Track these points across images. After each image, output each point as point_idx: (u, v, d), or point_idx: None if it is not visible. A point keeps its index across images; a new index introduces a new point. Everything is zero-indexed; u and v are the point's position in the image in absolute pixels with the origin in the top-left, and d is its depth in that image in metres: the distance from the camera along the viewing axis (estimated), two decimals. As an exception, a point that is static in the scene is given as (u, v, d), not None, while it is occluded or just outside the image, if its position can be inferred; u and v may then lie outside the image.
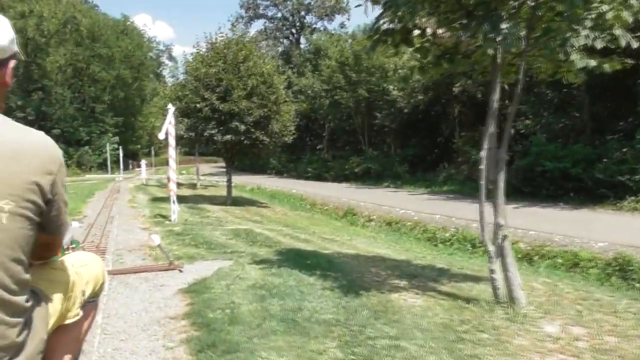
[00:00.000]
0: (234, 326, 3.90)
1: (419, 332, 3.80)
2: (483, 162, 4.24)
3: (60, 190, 1.33)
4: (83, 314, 1.70)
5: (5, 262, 1.20)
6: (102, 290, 1.90)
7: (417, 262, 7.38)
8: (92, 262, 1.83)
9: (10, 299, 1.21)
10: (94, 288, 1.79)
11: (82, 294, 1.67)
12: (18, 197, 1.20)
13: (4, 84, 1.36)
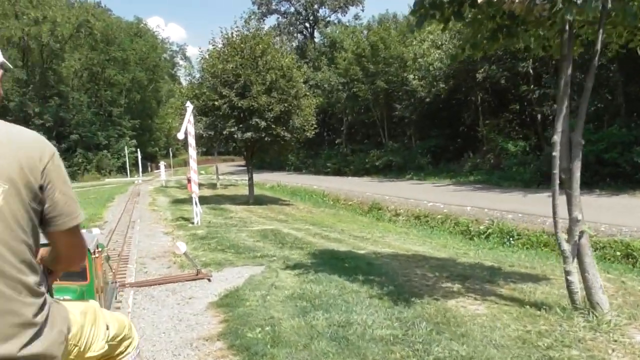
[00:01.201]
0: (277, 348, 3.39)
1: (495, 350, 3.24)
2: (556, 148, 3.65)
3: (55, 179, 1.36)
4: None
5: (8, 240, 1.25)
6: (133, 345, 1.81)
7: (462, 261, 6.80)
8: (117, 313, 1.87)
9: (18, 276, 1.27)
10: (121, 331, 1.76)
11: (106, 327, 1.68)
12: (11, 180, 1.26)
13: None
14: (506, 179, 20.47)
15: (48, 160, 1.36)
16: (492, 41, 4.12)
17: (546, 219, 11.45)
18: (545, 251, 9.54)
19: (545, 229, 10.92)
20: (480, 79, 23.77)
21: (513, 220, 12.21)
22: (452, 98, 28.27)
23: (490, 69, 22.83)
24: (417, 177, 27.13)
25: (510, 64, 22.54)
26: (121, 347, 1.78)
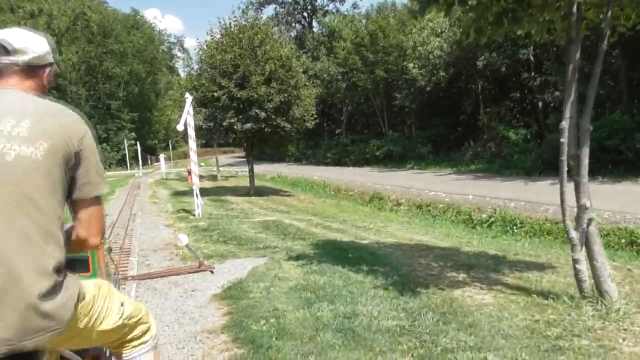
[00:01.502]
0: (283, 341, 3.34)
1: (503, 340, 3.20)
2: (564, 134, 3.58)
3: (89, 150, 1.55)
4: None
5: (44, 191, 1.41)
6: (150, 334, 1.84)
7: (466, 250, 6.76)
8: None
9: (49, 227, 1.40)
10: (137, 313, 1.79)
11: (121, 304, 1.71)
12: (53, 141, 1.45)
13: (43, 87, 1.70)
14: (507, 167, 20.40)
15: (84, 133, 1.57)
16: (497, 26, 4.03)
17: (549, 207, 11.42)
18: (549, 239, 9.51)
19: (548, 216, 10.89)
20: (480, 67, 23.61)
21: (515, 209, 12.17)
22: (453, 86, 28.11)
23: (490, 57, 22.67)
24: (418, 166, 27.07)
25: (511, 51, 22.38)
26: (137, 330, 1.79)
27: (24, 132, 1.46)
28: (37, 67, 1.69)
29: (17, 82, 1.63)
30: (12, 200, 1.39)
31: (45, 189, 1.43)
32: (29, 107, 1.53)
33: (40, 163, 1.43)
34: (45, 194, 1.43)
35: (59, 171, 1.47)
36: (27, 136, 1.45)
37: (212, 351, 3.35)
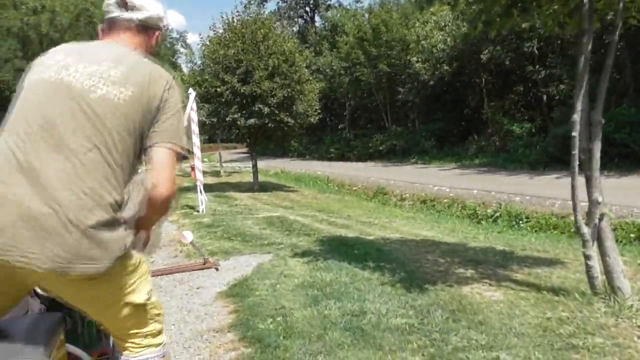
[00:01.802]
0: (290, 339, 3.29)
1: (515, 338, 3.14)
2: (576, 127, 3.51)
3: (171, 107, 1.65)
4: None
5: (121, 131, 1.51)
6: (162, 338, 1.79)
7: (472, 245, 6.70)
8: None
9: (117, 164, 1.50)
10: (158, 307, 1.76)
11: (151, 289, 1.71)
12: (139, 88, 1.57)
13: (149, 48, 1.81)
14: (512, 162, 20.31)
15: (169, 84, 1.68)
16: (506, 17, 3.96)
17: (555, 201, 11.35)
18: (555, 234, 9.44)
19: (554, 211, 10.82)
20: (484, 60, 23.47)
21: (521, 203, 12.10)
22: (456, 80, 27.98)
23: (494, 50, 22.53)
24: (422, 161, 26.97)
25: (515, 45, 22.23)
26: (151, 326, 1.73)
27: (115, 76, 1.58)
28: (148, 28, 1.81)
29: (128, 38, 1.77)
30: (89, 133, 1.49)
31: (121, 130, 1.53)
32: (127, 58, 1.66)
33: (122, 107, 1.55)
34: (120, 134, 1.53)
35: (138, 117, 1.58)
36: (116, 80, 1.58)
37: (219, 350, 3.30)
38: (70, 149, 1.46)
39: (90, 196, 1.43)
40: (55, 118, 1.50)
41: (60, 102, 1.53)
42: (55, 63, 1.63)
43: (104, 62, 1.61)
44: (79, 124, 1.50)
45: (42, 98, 1.55)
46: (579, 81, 3.53)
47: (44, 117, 1.51)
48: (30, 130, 1.49)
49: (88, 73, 1.58)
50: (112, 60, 1.62)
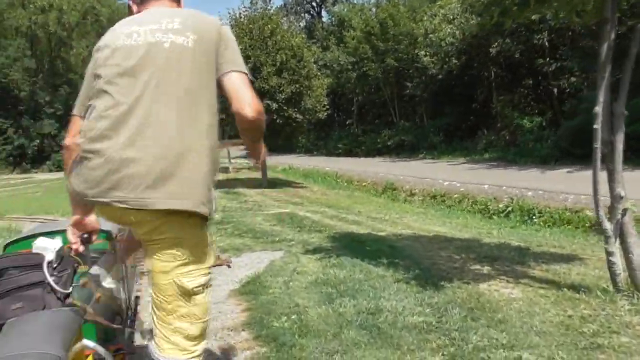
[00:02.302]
0: (306, 338, 3.23)
1: (537, 337, 3.05)
2: (598, 119, 3.41)
3: (228, 40, 1.84)
4: None
5: (194, 71, 1.73)
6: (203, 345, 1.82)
7: (487, 241, 6.60)
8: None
9: (196, 105, 1.72)
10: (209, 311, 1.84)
11: (210, 285, 1.82)
12: (200, 34, 1.78)
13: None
14: (522, 156, 20.09)
15: (222, 27, 1.88)
16: (523, 6, 3.85)
17: (568, 196, 11.20)
18: (569, 229, 9.30)
19: (568, 205, 10.68)
20: (493, 54, 23.21)
21: (533, 198, 11.94)
22: (465, 74, 27.73)
23: (504, 43, 22.27)
24: (431, 156, 26.79)
25: (525, 37, 21.96)
26: (197, 328, 1.75)
27: (176, 26, 1.79)
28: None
29: (168, 3, 1.99)
30: (172, 80, 1.70)
31: (195, 69, 1.74)
32: (179, 12, 1.91)
33: (191, 50, 1.75)
34: (195, 74, 1.73)
35: (206, 57, 1.77)
36: (179, 28, 1.78)
37: (234, 349, 3.24)
38: (178, 106, 1.74)
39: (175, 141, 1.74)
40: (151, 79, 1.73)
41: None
42: (125, 36, 1.81)
43: (162, 18, 1.83)
44: (164, 74, 1.75)
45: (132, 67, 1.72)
46: (601, 72, 3.42)
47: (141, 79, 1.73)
48: (140, 97, 1.70)
49: (154, 31, 1.78)
50: (169, 16, 1.84)
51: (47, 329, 1.61)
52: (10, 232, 10.35)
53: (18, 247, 2.61)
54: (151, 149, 1.61)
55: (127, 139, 1.62)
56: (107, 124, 1.65)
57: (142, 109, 1.66)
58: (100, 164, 1.62)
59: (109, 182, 1.62)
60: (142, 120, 1.64)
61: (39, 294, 2.17)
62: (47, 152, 44.09)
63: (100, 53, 1.83)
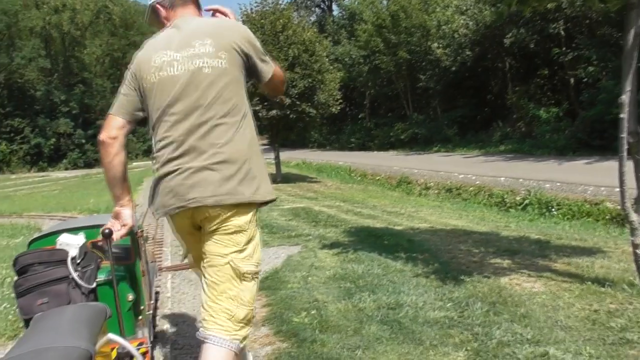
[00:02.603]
0: (327, 334, 3.21)
1: (563, 332, 3.00)
2: (624, 109, 3.32)
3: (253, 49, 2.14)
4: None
5: (231, 88, 2.06)
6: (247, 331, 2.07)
7: (505, 234, 6.52)
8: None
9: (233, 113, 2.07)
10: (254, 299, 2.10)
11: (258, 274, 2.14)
12: (230, 51, 2.06)
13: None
14: (539, 147, 19.84)
15: (246, 36, 2.14)
16: (545, -6, 3.76)
17: (587, 188, 11.04)
18: (590, 221, 9.17)
19: (587, 197, 10.53)
20: (507, 44, 22.88)
21: (551, 190, 11.80)
22: (479, 66, 27.43)
23: (518, 33, 21.95)
24: (445, 148, 26.59)
25: (540, 26, 21.62)
26: (240, 310, 1.98)
27: (209, 49, 2.05)
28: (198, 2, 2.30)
29: (193, 11, 2.25)
30: (209, 99, 2.01)
31: (231, 82, 2.06)
32: (207, 29, 2.12)
33: (226, 69, 2.05)
34: (232, 86, 2.06)
35: (237, 69, 2.09)
36: (212, 51, 2.05)
37: (254, 345, 3.23)
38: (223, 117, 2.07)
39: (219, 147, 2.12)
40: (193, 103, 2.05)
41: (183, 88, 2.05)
42: (159, 64, 2.07)
43: (196, 40, 2.07)
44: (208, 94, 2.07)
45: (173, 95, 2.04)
46: (627, 59, 3.33)
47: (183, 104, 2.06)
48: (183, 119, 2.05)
49: (190, 57, 2.04)
50: (200, 37, 2.08)
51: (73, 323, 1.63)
52: (30, 230, 10.51)
53: (42, 244, 2.62)
54: (215, 157, 1.97)
55: (193, 155, 1.98)
56: (173, 147, 2.02)
57: (198, 128, 2.00)
58: (179, 180, 1.99)
59: (189, 191, 1.98)
60: (201, 137, 1.99)
61: (64, 289, 2.19)
62: (63, 151, 44.62)
63: (145, 79, 2.09)
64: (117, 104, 2.16)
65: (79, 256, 2.41)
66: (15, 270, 2.34)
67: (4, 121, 42.79)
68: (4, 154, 42.76)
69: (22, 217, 13.15)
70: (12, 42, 43.69)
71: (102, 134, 2.12)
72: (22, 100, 43.63)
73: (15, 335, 3.80)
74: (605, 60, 18.40)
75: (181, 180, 1.98)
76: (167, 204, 2.04)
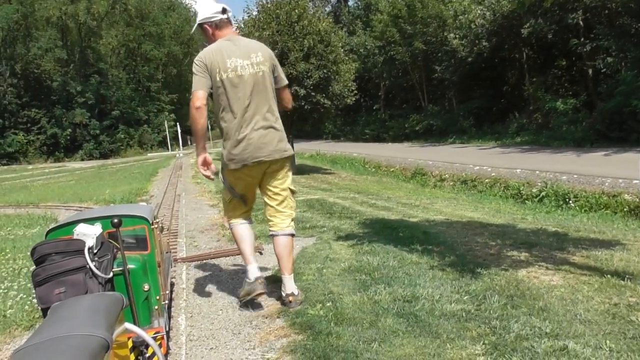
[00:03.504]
0: (342, 326, 3.19)
1: (582, 326, 2.95)
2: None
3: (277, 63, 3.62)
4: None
5: (270, 87, 3.48)
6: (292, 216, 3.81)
7: (522, 227, 6.44)
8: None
9: (273, 103, 3.54)
10: (294, 204, 3.89)
11: (294, 205, 3.82)
12: (267, 63, 3.45)
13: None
14: (556, 139, 19.58)
15: (274, 56, 3.59)
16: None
17: (605, 179, 10.88)
18: (608, 214, 9.03)
19: (605, 189, 10.36)
20: (525, 35, 22.54)
21: (568, 182, 11.63)
22: (495, 56, 27.11)
23: (536, 23, 21.60)
24: (460, 140, 26.39)
25: (558, 17, 21.25)
26: (289, 210, 3.75)
27: (260, 59, 3.41)
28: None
29: (232, 30, 3.54)
30: (264, 94, 3.44)
31: (270, 86, 3.48)
32: (255, 45, 3.55)
33: (268, 73, 3.46)
34: (270, 90, 3.48)
35: (270, 75, 3.49)
36: (262, 61, 3.42)
37: (270, 337, 3.23)
38: (268, 106, 3.50)
39: (273, 121, 3.54)
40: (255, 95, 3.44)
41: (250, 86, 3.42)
42: (234, 66, 3.37)
43: (251, 55, 3.42)
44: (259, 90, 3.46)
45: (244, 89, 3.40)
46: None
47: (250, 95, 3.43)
48: (250, 105, 3.42)
49: (251, 64, 3.40)
50: (254, 50, 3.46)
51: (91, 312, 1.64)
52: (46, 220, 10.64)
53: (59, 234, 2.64)
54: (268, 131, 3.46)
55: (254, 128, 3.41)
56: (242, 125, 3.41)
57: (256, 112, 3.43)
58: (247, 144, 3.41)
59: (259, 149, 3.43)
60: (257, 117, 3.43)
61: (81, 279, 2.20)
62: (80, 141, 45.12)
63: (219, 73, 3.37)
64: (199, 84, 3.36)
65: (96, 246, 2.42)
66: (33, 259, 2.36)
67: (20, 111, 43.37)
68: (21, 144, 43.38)
69: (38, 207, 13.32)
70: (28, 32, 44.14)
71: (197, 102, 3.33)
72: (39, 91, 44.13)
73: (31, 325, 3.85)
74: (625, 51, 18.05)
75: (251, 144, 3.41)
76: (245, 158, 3.45)
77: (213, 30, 3.50)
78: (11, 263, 6.04)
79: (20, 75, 43.61)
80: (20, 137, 43.29)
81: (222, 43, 3.41)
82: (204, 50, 3.46)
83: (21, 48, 43.46)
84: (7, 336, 3.73)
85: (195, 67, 3.41)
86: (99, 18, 45.99)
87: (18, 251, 6.72)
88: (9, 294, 4.59)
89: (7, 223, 10.60)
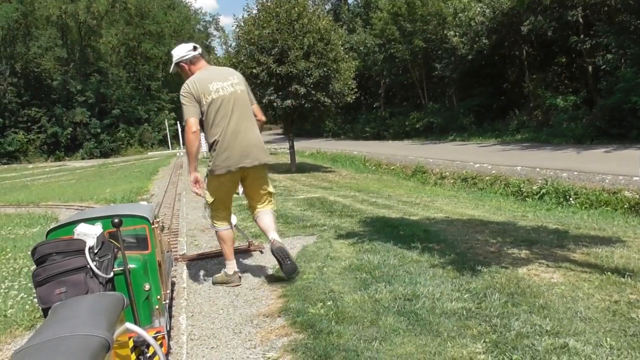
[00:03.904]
0: (343, 325, 3.20)
1: (582, 323, 2.95)
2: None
3: (247, 86, 4.26)
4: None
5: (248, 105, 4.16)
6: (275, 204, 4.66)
7: (523, 224, 6.44)
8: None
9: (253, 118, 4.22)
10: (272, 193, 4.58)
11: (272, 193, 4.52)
12: (243, 84, 4.16)
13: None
14: (556, 136, 19.57)
15: (244, 80, 4.24)
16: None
17: (605, 176, 10.87)
18: (608, 210, 9.03)
19: (605, 186, 10.36)
20: (525, 32, 22.50)
21: (568, 179, 11.62)
22: (495, 54, 27.07)
23: (536, 21, 21.56)
24: (460, 138, 26.38)
25: (558, 14, 21.22)
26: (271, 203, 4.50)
27: (236, 80, 4.08)
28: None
29: (205, 62, 4.19)
30: (244, 109, 4.07)
31: (249, 102, 4.15)
32: (229, 71, 4.31)
33: (246, 92, 4.12)
34: (249, 106, 4.13)
35: (247, 95, 4.14)
36: (239, 82, 4.08)
37: (271, 336, 3.24)
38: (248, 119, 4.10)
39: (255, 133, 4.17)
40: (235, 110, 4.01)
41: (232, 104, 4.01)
42: (216, 89, 3.94)
43: (229, 78, 4.06)
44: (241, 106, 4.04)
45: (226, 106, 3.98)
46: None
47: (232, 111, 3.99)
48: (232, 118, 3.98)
49: (230, 85, 4.01)
50: (229, 75, 4.10)
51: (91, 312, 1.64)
52: (47, 219, 10.65)
53: (60, 234, 2.64)
54: (249, 141, 4.04)
55: (239, 139, 3.99)
56: (227, 136, 3.96)
57: (239, 127, 4.01)
58: (233, 151, 3.97)
59: (242, 157, 3.99)
60: (242, 131, 4.01)
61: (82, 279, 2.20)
62: (80, 140, 45.14)
63: (205, 97, 3.93)
64: (189, 112, 3.93)
65: (97, 246, 2.42)
66: (33, 259, 2.36)
67: (21, 111, 43.37)
68: (21, 143, 43.39)
69: (39, 206, 13.34)
70: (28, 31, 44.13)
71: (193, 127, 3.90)
72: (39, 90, 44.13)
73: (32, 325, 3.86)
74: (624, 48, 18.01)
75: (237, 153, 3.98)
76: (230, 165, 3.99)
77: (189, 66, 4.10)
78: (12, 262, 6.05)
79: (20, 74, 43.60)
80: (20, 136, 43.30)
81: (201, 73, 4.04)
82: (187, 82, 3.98)
83: (21, 47, 43.45)
84: (8, 336, 3.74)
85: (183, 98, 3.94)
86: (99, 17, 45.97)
87: (19, 250, 6.73)
88: (10, 293, 4.60)
89: (8, 222, 10.62)
